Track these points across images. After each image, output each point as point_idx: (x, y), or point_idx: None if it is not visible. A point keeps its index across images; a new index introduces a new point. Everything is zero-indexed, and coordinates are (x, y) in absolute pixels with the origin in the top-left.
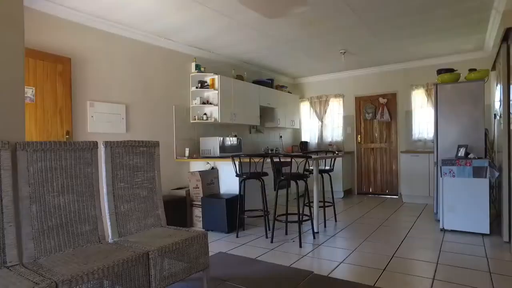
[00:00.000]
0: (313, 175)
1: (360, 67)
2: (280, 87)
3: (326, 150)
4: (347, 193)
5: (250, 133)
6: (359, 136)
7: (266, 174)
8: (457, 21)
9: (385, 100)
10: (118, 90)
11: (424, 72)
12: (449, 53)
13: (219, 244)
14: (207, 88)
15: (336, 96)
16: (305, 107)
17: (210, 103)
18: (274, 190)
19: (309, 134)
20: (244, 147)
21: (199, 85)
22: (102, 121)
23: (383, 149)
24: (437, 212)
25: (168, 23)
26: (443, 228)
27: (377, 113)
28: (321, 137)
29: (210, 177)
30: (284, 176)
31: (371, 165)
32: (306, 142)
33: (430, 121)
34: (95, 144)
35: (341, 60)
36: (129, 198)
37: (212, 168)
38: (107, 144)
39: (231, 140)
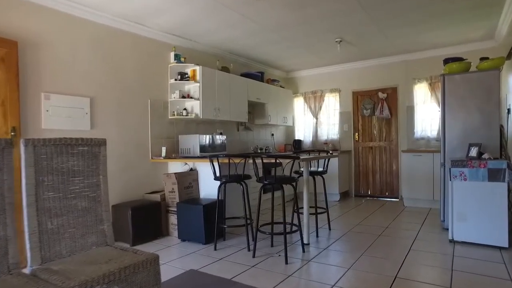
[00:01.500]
0: (303, 178)
1: (358, 59)
2: (272, 81)
3: (321, 149)
4: (344, 195)
5: (238, 130)
6: (356, 134)
7: (248, 177)
8: (466, 3)
9: (385, 95)
10: (82, 81)
11: (427, 64)
12: (455, 42)
13: (192, 258)
14: (188, 80)
15: (332, 91)
16: (299, 103)
17: (191, 97)
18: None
19: (303, 131)
20: (231, 146)
21: (179, 77)
22: (60, 116)
23: (382, 148)
24: (444, 220)
25: (136, 3)
26: (453, 239)
27: (376, 109)
28: (316, 135)
29: (188, 180)
30: (268, 180)
31: (370, 165)
32: (299, 141)
33: (434, 117)
34: (7, 143)
35: (336, 50)
36: (60, 211)
37: (191, 169)
38: (28, 142)
39: (214, 138)
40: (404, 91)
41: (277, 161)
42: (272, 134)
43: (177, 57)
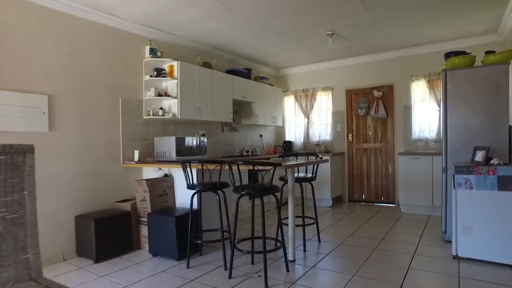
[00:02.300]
0: (288, 187)
1: (351, 55)
2: (260, 79)
3: (312, 151)
4: (337, 200)
5: (223, 131)
6: (350, 135)
7: (226, 185)
8: None
9: (380, 93)
10: (39, 77)
11: (426, 60)
12: (456, 37)
13: (160, 279)
14: (164, 76)
15: (324, 89)
16: (289, 102)
17: (169, 95)
18: (250, 199)
19: (294, 132)
20: (215, 148)
21: (155, 73)
22: (11, 116)
23: (378, 150)
24: (446, 231)
25: None
26: (457, 255)
27: (371, 108)
28: (307, 136)
29: (162, 187)
30: (244, 190)
31: (364, 168)
32: (290, 142)
33: (433, 117)
34: None
35: (328, 44)
36: None
37: (166, 175)
38: None
39: (193, 140)
40: (401, 89)
41: (255, 168)
42: (261, 135)
43: (152, 52)
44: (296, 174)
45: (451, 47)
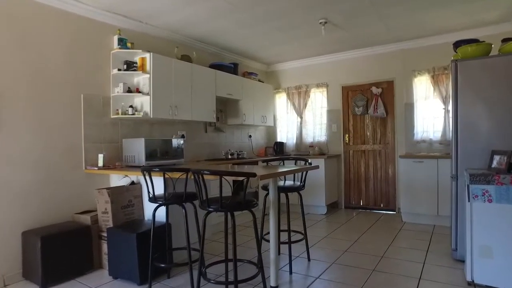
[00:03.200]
0: (269, 199)
1: (348, 48)
2: (248, 74)
3: (305, 153)
4: (332, 207)
5: (206, 132)
6: (347, 135)
7: (193, 197)
8: None
9: (380, 90)
10: None
11: (430, 53)
12: (464, 26)
13: None
14: (135, 70)
15: (318, 85)
16: (281, 100)
17: (140, 92)
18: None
19: (286, 132)
20: (197, 150)
21: (125, 66)
22: None
23: (376, 152)
24: (457, 249)
25: None
26: (473, 281)
27: (369, 107)
28: (300, 136)
29: (127, 197)
30: (212, 206)
31: (362, 172)
32: (281, 143)
33: (438, 116)
34: None
35: (320, 35)
36: None
37: (133, 183)
38: None
39: (167, 143)
40: (402, 86)
41: (223, 178)
42: (250, 136)
43: (122, 42)
44: (282, 183)
45: (458, 38)
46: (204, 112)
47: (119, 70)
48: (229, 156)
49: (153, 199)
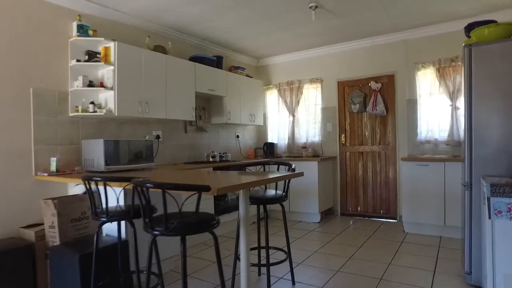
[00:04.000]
0: (239, 215)
1: (343, 39)
2: (235, 69)
3: (298, 155)
4: (327, 214)
5: (186, 132)
6: (343, 135)
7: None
8: None
9: (379, 85)
10: None
11: (435, 43)
12: (475, 11)
13: None
14: (98, 61)
15: (312, 81)
16: (272, 97)
17: (104, 86)
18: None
19: (277, 132)
20: (175, 152)
21: (86, 57)
22: None
23: (376, 154)
24: (471, 271)
25: None
26: None
27: (368, 104)
28: (292, 136)
29: (79, 209)
30: (157, 229)
31: (360, 176)
32: (272, 144)
33: (444, 114)
34: None
35: (311, 21)
36: None
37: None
38: None
39: (133, 144)
40: (404, 80)
41: (166, 193)
42: (237, 136)
43: (82, 29)
44: (263, 191)
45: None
46: (182, 109)
47: (78, 61)
48: (210, 159)
49: (94, 214)
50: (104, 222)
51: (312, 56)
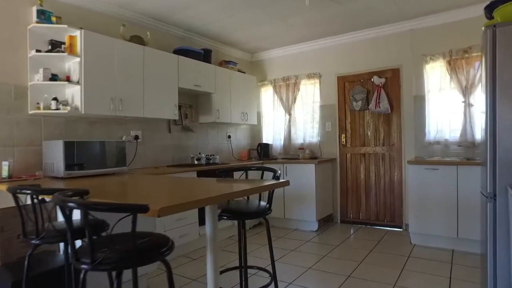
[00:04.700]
0: (206, 234)
1: (343, 30)
2: (226, 63)
3: (294, 156)
4: (325, 222)
5: (170, 132)
6: (343, 135)
7: (101, 228)
8: None
9: (383, 80)
10: None
11: (445, 33)
12: None
13: None
14: (63, 52)
15: (309, 76)
16: (267, 94)
17: (70, 81)
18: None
19: (273, 132)
20: (157, 155)
21: (50, 47)
22: None
23: (379, 156)
24: None
25: None
26: None
27: (371, 101)
28: (288, 137)
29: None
30: (83, 262)
31: (362, 180)
32: (266, 145)
33: (456, 111)
34: None
35: (307, 12)
36: None
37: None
38: None
39: (103, 146)
40: (411, 74)
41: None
42: (229, 136)
43: (43, 15)
44: (245, 203)
45: (478, 14)
46: (162, 107)
47: (38, 51)
48: (195, 162)
49: (23, 235)
50: (37, 245)
51: (309, 49)
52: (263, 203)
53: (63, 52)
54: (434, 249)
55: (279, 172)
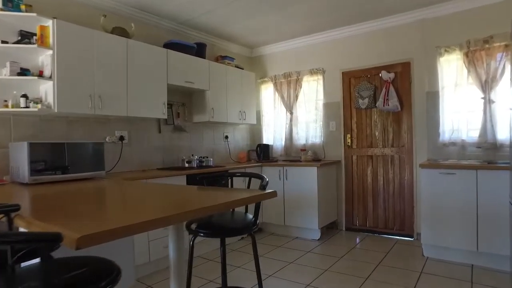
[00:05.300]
0: (169, 257)
1: (348, 21)
2: (222, 59)
3: (296, 158)
4: (328, 230)
5: (160, 132)
6: (348, 136)
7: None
8: None
9: (392, 76)
10: None
11: (462, 21)
12: None
13: None
14: (34, 44)
15: (312, 72)
16: (268, 92)
17: (42, 76)
18: None
19: (273, 132)
20: (145, 156)
21: (19, 38)
22: None
23: (388, 158)
24: None
25: None
26: None
27: (378, 98)
28: (290, 137)
29: None
30: None
31: (369, 184)
32: (266, 146)
33: (474, 109)
34: None
35: (310, 2)
36: None
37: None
38: None
39: (77, 148)
40: (423, 68)
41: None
42: (226, 137)
43: (11, 3)
44: (230, 215)
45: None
46: (149, 106)
47: (4, 42)
48: (186, 164)
49: None
50: None
51: (312, 43)
52: (249, 216)
53: (32, 43)
54: (450, 263)
55: (267, 180)
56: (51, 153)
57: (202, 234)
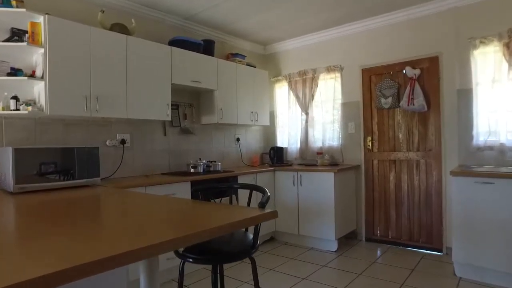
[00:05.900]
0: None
1: (369, 13)
2: (232, 56)
3: (312, 162)
4: (348, 239)
5: (166, 134)
6: (369, 138)
7: None
8: None
9: (417, 72)
10: None
11: (500, 8)
12: None
13: None
14: (25, 42)
15: (329, 69)
16: (282, 91)
17: (34, 77)
18: None
19: (288, 134)
20: (149, 160)
21: (11, 35)
22: None
23: (413, 163)
24: None
25: None
26: None
27: (402, 97)
28: (305, 139)
29: None
30: None
31: (392, 191)
32: (280, 149)
33: None
34: None
35: None
36: None
37: None
38: None
39: (68, 153)
40: (453, 64)
41: None
42: (238, 139)
43: None
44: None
45: None
46: (151, 107)
47: None
48: (191, 170)
49: None
50: None
51: (329, 38)
52: (249, 237)
53: (26, 42)
54: (487, 286)
55: (268, 194)
56: (40, 159)
57: (191, 260)
